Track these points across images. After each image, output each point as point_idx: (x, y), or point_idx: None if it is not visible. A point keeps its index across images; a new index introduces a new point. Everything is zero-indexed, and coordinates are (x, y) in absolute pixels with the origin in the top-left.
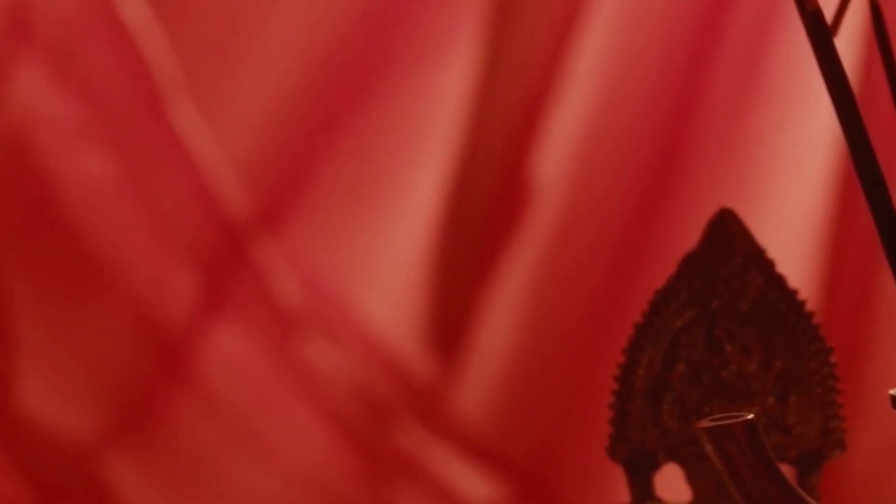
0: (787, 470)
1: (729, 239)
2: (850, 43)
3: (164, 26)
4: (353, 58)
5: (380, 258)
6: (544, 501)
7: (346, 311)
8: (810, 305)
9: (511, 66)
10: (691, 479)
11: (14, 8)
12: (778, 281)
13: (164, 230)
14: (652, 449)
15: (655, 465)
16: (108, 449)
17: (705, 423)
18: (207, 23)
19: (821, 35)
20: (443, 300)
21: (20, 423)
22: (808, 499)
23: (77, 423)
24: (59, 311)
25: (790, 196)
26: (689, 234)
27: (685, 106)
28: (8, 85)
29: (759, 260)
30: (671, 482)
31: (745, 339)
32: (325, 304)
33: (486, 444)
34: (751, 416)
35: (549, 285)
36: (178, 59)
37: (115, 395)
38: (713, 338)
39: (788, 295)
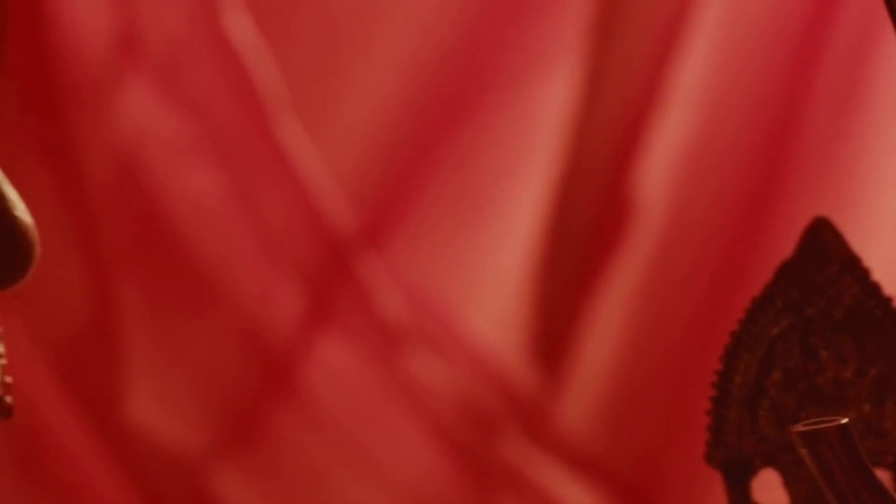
0: (883, 475)
1: (824, 247)
2: None
3: (270, 45)
4: (456, 75)
5: (484, 273)
6: None
7: (451, 325)
8: None
9: (613, 82)
10: (788, 483)
11: (124, 29)
12: (873, 288)
13: (270, 246)
14: (749, 454)
15: (752, 471)
16: (216, 461)
17: (800, 428)
18: (313, 41)
19: None
20: (546, 314)
21: (131, 435)
22: None
23: (186, 435)
24: (168, 326)
25: (889, 208)
26: (790, 248)
27: (786, 121)
28: (118, 104)
29: (854, 267)
30: (768, 487)
31: (840, 347)
32: (430, 319)
33: (590, 457)
34: (845, 421)
35: (652, 299)
36: (284, 77)
37: (223, 408)
38: (808, 345)
39: (884, 302)
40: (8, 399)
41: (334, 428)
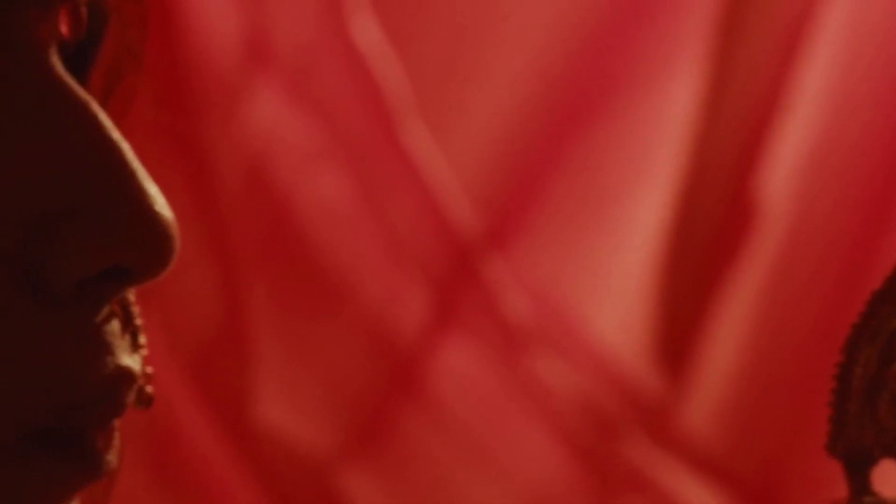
0: None
1: None
2: None
3: (396, 49)
4: (580, 78)
5: (608, 276)
6: None
7: (575, 327)
8: None
9: (736, 85)
10: None
11: (252, 34)
12: None
13: (396, 249)
14: (869, 446)
15: (872, 461)
16: (343, 462)
17: None
18: (438, 45)
19: None
20: (670, 317)
21: (261, 436)
22: None
23: (314, 436)
24: (296, 328)
25: None
26: None
27: None
28: (248, 108)
29: None
30: (889, 478)
31: None
32: (554, 321)
33: (715, 460)
34: None
35: (776, 301)
36: (410, 81)
37: (350, 410)
38: None
39: None
40: (148, 389)
41: (459, 429)
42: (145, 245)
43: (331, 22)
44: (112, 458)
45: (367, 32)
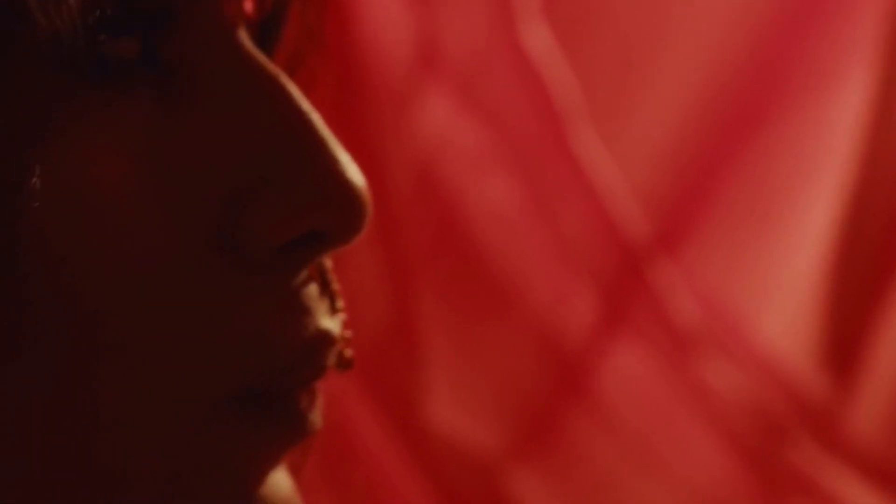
0: None
1: None
2: None
3: (566, 55)
4: (751, 82)
5: (776, 279)
6: None
7: (743, 330)
8: None
9: None
10: None
11: (424, 40)
12: None
13: (565, 253)
14: None
15: None
16: (511, 463)
17: None
18: (607, 51)
19: None
20: (839, 320)
21: (430, 436)
22: None
23: (483, 437)
24: (466, 331)
25: None
26: None
27: None
28: (418, 114)
29: None
30: None
31: None
32: (722, 325)
33: (883, 463)
34: None
35: None
36: (580, 87)
37: (518, 412)
38: None
39: None
40: (347, 352)
41: (626, 432)
42: (340, 209)
43: (501, 27)
44: (316, 418)
45: (536, 38)
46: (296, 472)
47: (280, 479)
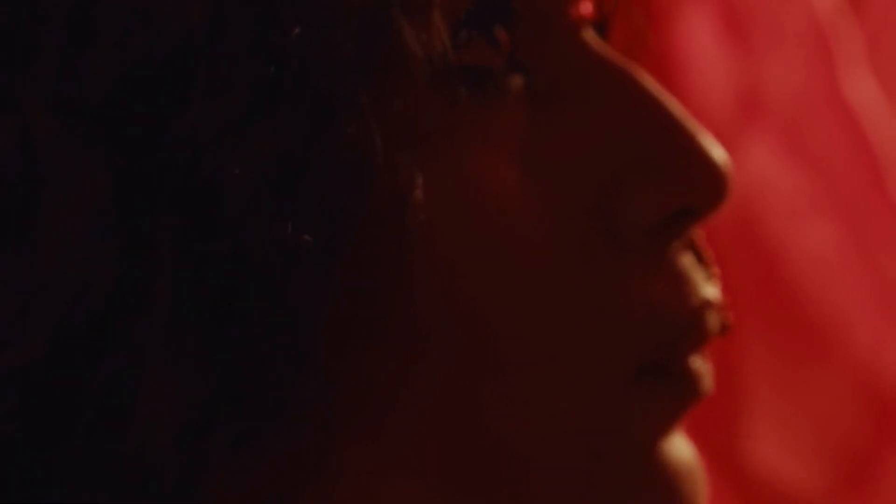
0: None
1: None
2: None
3: (886, 102)
4: None
5: None
6: None
7: None
8: None
9: None
10: None
11: (747, 90)
12: None
13: (885, 297)
14: None
15: None
16: None
17: None
18: None
19: None
20: None
21: (751, 478)
22: None
23: (804, 479)
24: (787, 374)
25: None
26: None
27: None
28: (741, 157)
29: None
30: None
31: None
32: None
33: None
34: None
35: None
36: None
37: (838, 455)
38: None
39: None
40: (728, 317)
41: None
42: (708, 184)
43: (823, 75)
44: (708, 381)
45: (858, 85)
46: None
47: (681, 444)
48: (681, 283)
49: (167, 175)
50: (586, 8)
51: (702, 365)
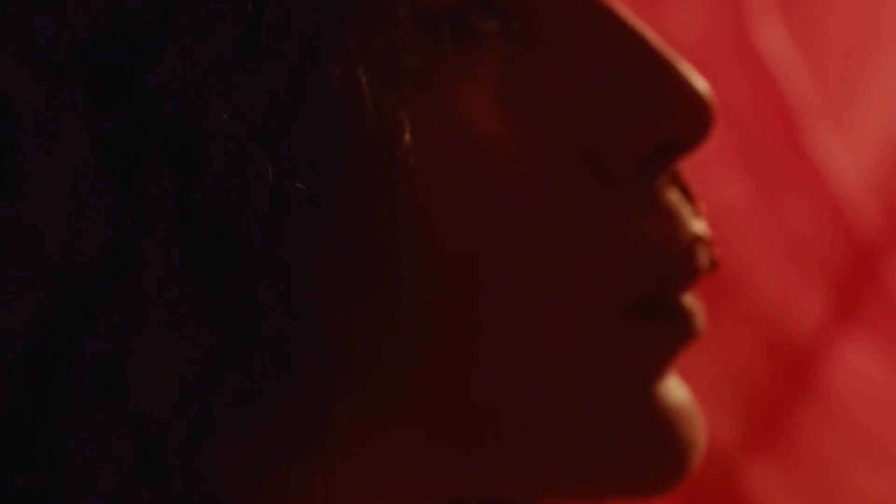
0: None
1: None
2: None
3: (798, 49)
4: None
5: None
6: None
7: None
8: None
9: None
10: None
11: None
12: None
13: (794, 248)
14: None
15: None
16: (743, 455)
17: None
18: (839, 42)
19: None
20: None
21: None
22: None
23: (715, 430)
24: None
25: None
26: None
27: None
28: None
29: None
30: None
31: None
32: None
33: None
34: None
35: None
36: (812, 81)
37: (748, 404)
38: None
39: None
40: (716, 253)
41: (855, 428)
42: (693, 115)
43: (731, 23)
44: (702, 320)
45: (769, 37)
46: None
47: (676, 385)
48: (670, 218)
49: (150, 125)
50: None
51: (694, 303)
